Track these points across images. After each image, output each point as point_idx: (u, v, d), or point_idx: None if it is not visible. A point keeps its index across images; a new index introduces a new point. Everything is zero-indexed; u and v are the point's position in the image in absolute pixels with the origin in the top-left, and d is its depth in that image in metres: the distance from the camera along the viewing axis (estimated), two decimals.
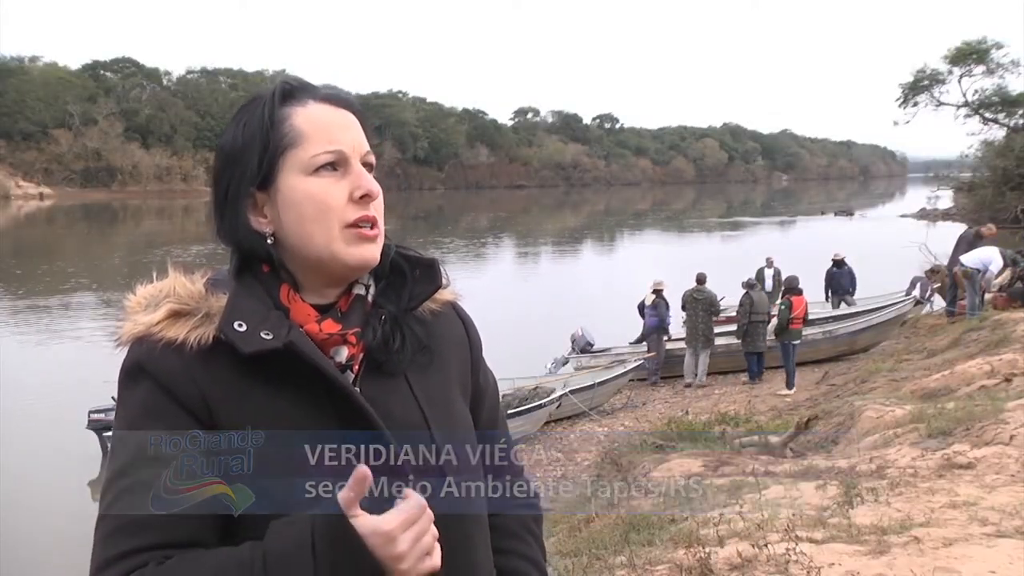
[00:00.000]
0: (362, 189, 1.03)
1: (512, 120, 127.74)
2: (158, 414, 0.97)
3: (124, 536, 0.93)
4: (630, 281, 20.01)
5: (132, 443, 0.96)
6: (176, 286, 1.04)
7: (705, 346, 13.40)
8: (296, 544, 0.89)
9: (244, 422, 0.98)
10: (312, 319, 1.03)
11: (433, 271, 1.13)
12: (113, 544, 0.93)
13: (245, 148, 1.03)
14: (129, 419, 0.98)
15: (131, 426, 0.97)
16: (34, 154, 75.01)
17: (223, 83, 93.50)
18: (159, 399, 0.97)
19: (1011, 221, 31.98)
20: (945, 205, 46.44)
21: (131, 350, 1.00)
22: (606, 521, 4.88)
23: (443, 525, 1.01)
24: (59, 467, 9.52)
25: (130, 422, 0.98)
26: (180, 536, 0.93)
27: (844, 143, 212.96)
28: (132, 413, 0.98)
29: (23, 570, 7.19)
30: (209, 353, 0.99)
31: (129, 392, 0.99)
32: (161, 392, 0.97)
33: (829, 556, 3.38)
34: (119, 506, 0.95)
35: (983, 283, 12.37)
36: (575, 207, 77.17)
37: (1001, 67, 40.85)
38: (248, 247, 1.05)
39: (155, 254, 28.43)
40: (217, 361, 0.99)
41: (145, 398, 0.98)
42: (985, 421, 5.15)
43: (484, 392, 1.21)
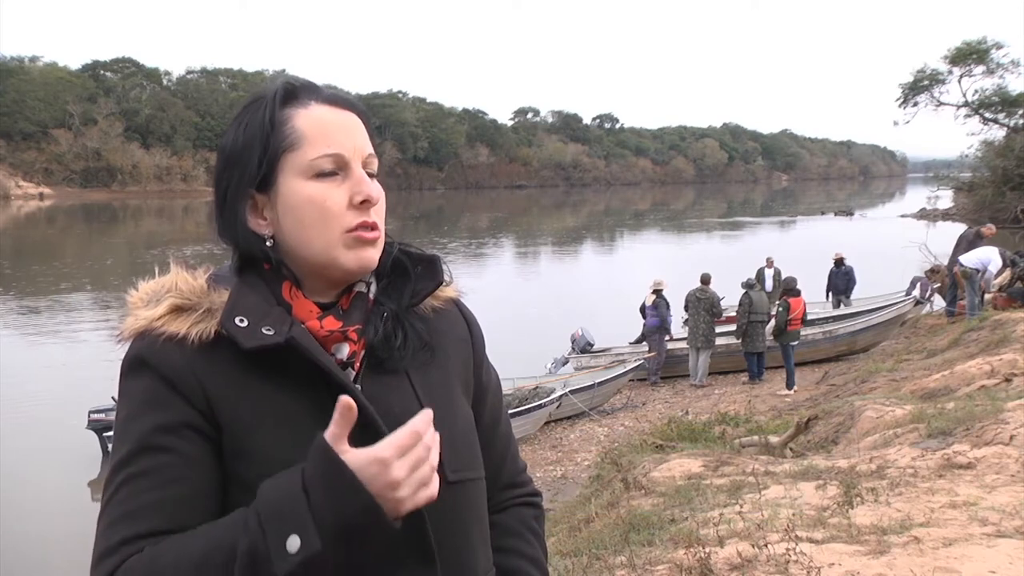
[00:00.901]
0: (362, 194, 1.02)
1: (512, 120, 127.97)
2: (159, 404, 0.97)
3: (124, 524, 0.93)
4: (630, 281, 20.03)
5: (134, 433, 0.96)
6: (178, 281, 1.04)
7: (706, 346, 13.41)
8: (288, 494, 0.87)
9: (244, 417, 0.98)
10: (314, 316, 1.03)
11: (434, 268, 1.12)
12: (114, 532, 0.93)
13: (245, 149, 1.03)
14: (130, 409, 0.98)
15: (132, 416, 0.98)
16: (34, 154, 75.11)
17: (223, 83, 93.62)
18: (160, 390, 0.97)
19: (1011, 221, 32.04)
20: (945, 205, 46.49)
21: (133, 344, 1.00)
22: (606, 521, 4.88)
23: (442, 523, 1.02)
24: (59, 467, 9.53)
25: (131, 412, 0.98)
26: (182, 523, 0.93)
27: (844, 143, 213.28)
28: (133, 404, 0.98)
29: (24, 570, 7.19)
30: (211, 348, 0.99)
31: (130, 384, 0.99)
32: (163, 385, 0.97)
33: (829, 556, 3.38)
34: (120, 495, 0.95)
35: (983, 283, 12.38)
36: (575, 207, 77.17)
37: (1001, 67, 40.97)
38: (247, 248, 1.04)
39: (153, 254, 28.44)
40: (218, 356, 0.99)
41: (146, 389, 0.98)
42: (985, 421, 5.15)
43: (487, 389, 1.20)
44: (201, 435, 0.97)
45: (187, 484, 0.95)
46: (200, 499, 0.95)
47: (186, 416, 0.97)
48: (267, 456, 0.96)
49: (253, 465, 0.96)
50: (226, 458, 0.98)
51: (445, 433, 1.04)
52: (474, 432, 1.13)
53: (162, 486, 0.94)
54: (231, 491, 0.98)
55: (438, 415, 1.05)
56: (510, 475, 1.24)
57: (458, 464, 1.06)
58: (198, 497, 0.95)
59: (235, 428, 0.98)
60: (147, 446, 0.95)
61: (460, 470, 1.06)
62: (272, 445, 0.97)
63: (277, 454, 0.96)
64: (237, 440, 0.98)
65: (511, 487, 1.24)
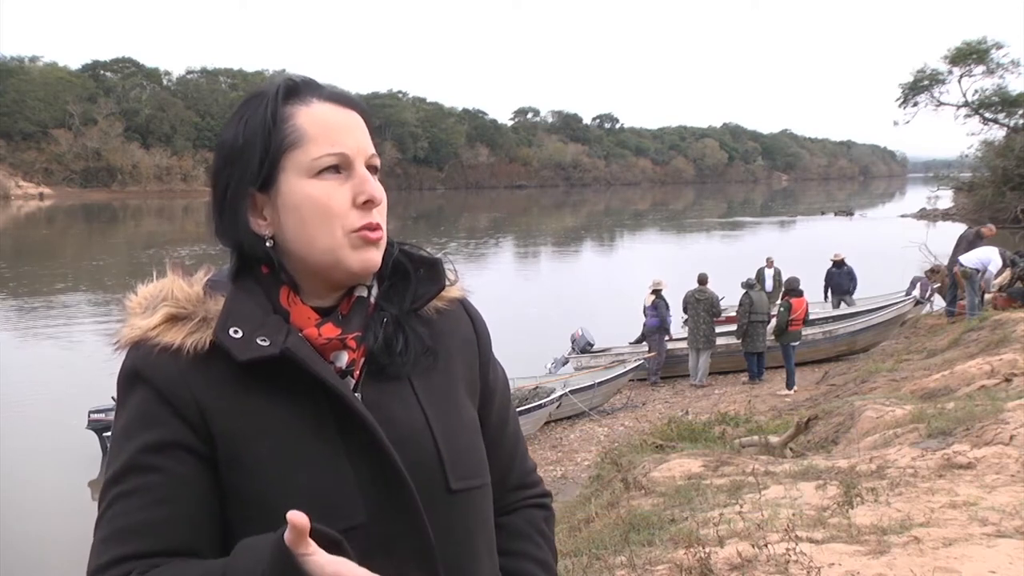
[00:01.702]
0: (366, 194, 1.00)
1: (512, 120, 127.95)
2: (152, 422, 0.96)
3: (116, 543, 0.93)
4: (630, 281, 20.02)
5: (126, 450, 0.96)
6: (174, 289, 1.01)
7: (706, 347, 13.41)
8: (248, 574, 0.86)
9: (241, 429, 0.96)
10: (312, 323, 1.01)
11: (437, 271, 1.09)
12: (105, 550, 0.93)
13: (246, 147, 1.00)
14: (125, 426, 0.97)
15: (126, 433, 0.97)
16: (34, 154, 75.10)
17: (223, 83, 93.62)
18: (153, 407, 0.96)
19: (1011, 221, 32.04)
20: (945, 205, 46.47)
21: (128, 355, 0.99)
22: (606, 521, 4.87)
23: (445, 533, 1.00)
24: (59, 467, 9.52)
25: (125, 428, 0.97)
26: (172, 543, 0.93)
27: (844, 143, 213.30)
28: (127, 420, 0.97)
29: (24, 570, 7.19)
30: (206, 358, 0.97)
31: (126, 398, 0.98)
32: (156, 399, 0.96)
33: (829, 556, 3.37)
34: (112, 512, 0.94)
35: (983, 283, 12.38)
36: (575, 207, 77.15)
37: (1001, 67, 40.97)
38: (247, 249, 1.02)
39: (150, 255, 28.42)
40: (214, 367, 0.97)
41: (140, 405, 0.97)
42: (985, 421, 5.14)
43: (494, 390, 1.17)
44: (193, 454, 0.96)
45: (175, 505, 0.94)
46: (189, 520, 0.95)
47: (177, 435, 0.95)
48: (264, 469, 0.95)
49: (250, 478, 0.95)
50: (223, 471, 0.96)
51: (448, 439, 1.04)
52: (479, 437, 1.10)
53: (150, 507, 0.93)
54: (230, 506, 0.96)
55: (441, 421, 1.04)
56: (519, 476, 1.21)
57: (462, 472, 1.04)
58: (187, 518, 0.95)
59: (231, 441, 0.96)
60: (137, 465, 0.95)
61: (464, 478, 1.04)
62: (269, 458, 0.96)
63: (274, 467, 0.95)
64: (233, 453, 0.96)
65: (520, 488, 1.21)
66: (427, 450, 1.02)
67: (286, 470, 0.93)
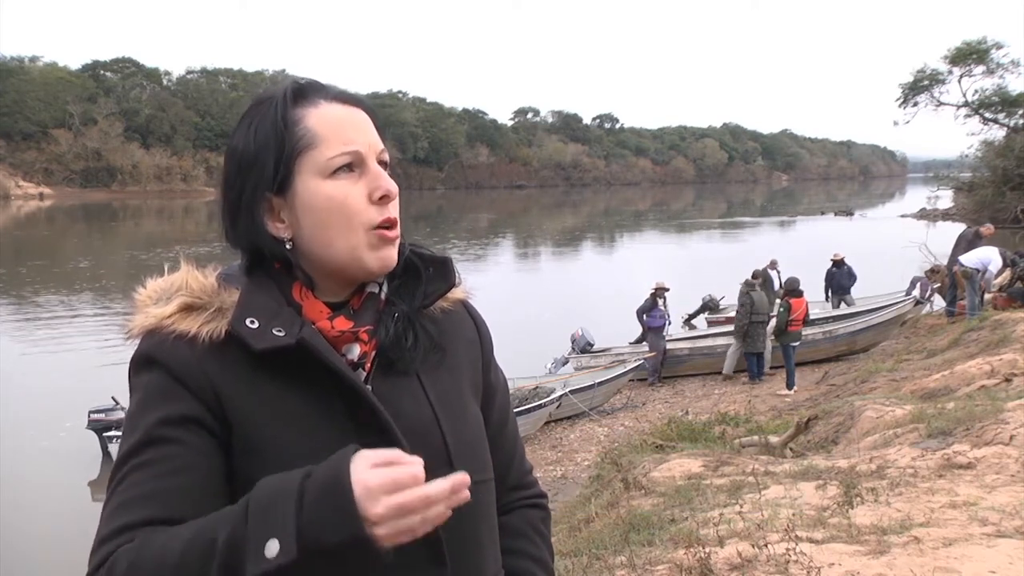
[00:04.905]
0: (381, 190, 1.01)
1: (512, 120, 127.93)
2: (167, 397, 0.96)
3: (123, 512, 0.92)
4: (630, 281, 20.02)
5: (141, 425, 0.96)
6: (189, 280, 1.03)
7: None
8: (282, 492, 0.84)
9: (255, 416, 0.97)
10: (324, 316, 1.02)
11: (447, 269, 1.12)
12: (112, 520, 0.92)
13: (259, 152, 1.01)
14: (139, 404, 0.98)
15: (140, 410, 0.97)
16: (34, 154, 75.11)
17: (223, 83, 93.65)
18: (168, 384, 0.97)
19: (1011, 221, 32.08)
20: (945, 205, 46.51)
21: (142, 342, 1.00)
22: (606, 521, 4.88)
23: (453, 525, 1.00)
24: (59, 467, 9.51)
25: (139, 406, 0.97)
26: (180, 512, 0.92)
27: (844, 143, 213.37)
28: (143, 396, 0.98)
29: (24, 570, 7.19)
30: (221, 348, 0.98)
31: (139, 380, 0.99)
32: (171, 379, 0.97)
33: (829, 556, 3.38)
34: (123, 485, 0.94)
35: (983, 283, 12.38)
36: (575, 207, 77.16)
37: (1001, 67, 41.07)
38: (268, 253, 1.03)
39: (149, 255, 28.45)
40: (229, 356, 0.98)
41: (155, 383, 0.97)
42: (985, 421, 5.14)
43: (495, 390, 1.19)
44: (208, 430, 0.96)
45: (190, 474, 0.94)
46: (203, 490, 0.94)
47: (193, 410, 0.96)
48: (278, 455, 0.96)
49: (263, 464, 0.95)
50: (236, 456, 0.97)
51: (456, 434, 1.06)
52: (484, 434, 1.12)
53: (164, 476, 0.93)
54: (240, 492, 0.95)
55: (448, 416, 1.06)
56: (517, 476, 1.24)
57: (468, 466, 1.03)
58: (201, 488, 0.94)
59: (246, 426, 0.97)
60: (153, 438, 0.95)
61: (471, 472, 1.04)
62: (283, 444, 0.97)
63: (287, 454, 0.96)
64: (248, 438, 0.97)
65: (518, 488, 1.24)
66: (435, 444, 1.03)
67: (299, 458, 0.93)
